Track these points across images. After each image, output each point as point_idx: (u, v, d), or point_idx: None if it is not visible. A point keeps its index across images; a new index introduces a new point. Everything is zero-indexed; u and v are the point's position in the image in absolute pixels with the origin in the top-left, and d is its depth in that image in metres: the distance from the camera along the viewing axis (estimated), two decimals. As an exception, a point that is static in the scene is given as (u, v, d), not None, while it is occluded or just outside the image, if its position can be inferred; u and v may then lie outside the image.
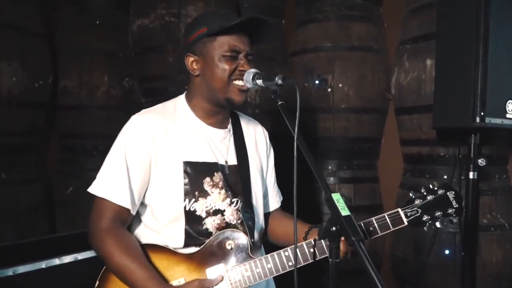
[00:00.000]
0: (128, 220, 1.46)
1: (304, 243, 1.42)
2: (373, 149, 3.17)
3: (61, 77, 3.31)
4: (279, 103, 1.27)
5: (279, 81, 1.27)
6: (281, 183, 1.81)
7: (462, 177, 2.49)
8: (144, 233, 1.50)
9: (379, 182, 3.22)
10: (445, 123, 2.18)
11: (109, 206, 1.39)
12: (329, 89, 2.99)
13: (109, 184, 1.40)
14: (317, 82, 1.23)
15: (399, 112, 2.93)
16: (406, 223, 1.45)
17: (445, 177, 2.64)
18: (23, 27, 2.92)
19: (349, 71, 2.98)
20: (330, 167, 3.10)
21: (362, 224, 1.46)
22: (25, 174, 3.05)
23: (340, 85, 2.98)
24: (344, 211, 1.03)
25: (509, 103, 2.04)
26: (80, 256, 2.02)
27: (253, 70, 1.41)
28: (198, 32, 1.46)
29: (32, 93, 2.99)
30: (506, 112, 2.04)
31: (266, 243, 1.69)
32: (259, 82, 1.37)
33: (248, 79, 1.41)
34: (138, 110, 1.55)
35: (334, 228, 1.04)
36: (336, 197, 1.06)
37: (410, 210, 1.45)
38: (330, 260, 1.09)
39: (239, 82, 1.45)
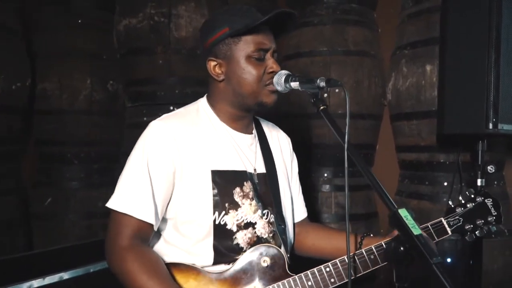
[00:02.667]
0: (149, 236, 1.33)
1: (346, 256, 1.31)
2: (368, 155, 3.12)
3: (39, 79, 3.10)
4: (321, 108, 1.17)
5: (322, 84, 1.16)
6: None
7: (463, 184, 2.48)
8: (166, 251, 1.36)
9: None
10: (455, 129, 2.13)
11: (130, 222, 1.27)
12: (325, 94, 2.92)
13: (131, 198, 1.27)
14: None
15: (396, 118, 2.88)
16: (450, 232, 1.40)
17: (445, 184, 2.61)
18: (-1, 25, 2.72)
19: (346, 76, 2.92)
20: (325, 175, 3.01)
21: None
22: (-1, 185, 2.83)
23: (337, 90, 2.91)
24: (416, 230, 0.92)
25: (520, 109, 2.01)
26: (66, 275, 1.86)
27: (284, 72, 1.32)
28: (219, 33, 1.34)
29: (8, 97, 2.78)
30: (517, 118, 2.00)
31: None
32: (295, 84, 1.26)
33: (280, 81, 1.30)
34: (123, 115, 1.42)
35: (402, 249, 0.93)
36: (404, 213, 0.95)
37: (452, 219, 1.41)
38: (397, 285, 0.98)
39: (270, 87, 1.34)
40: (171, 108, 2.93)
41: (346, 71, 2.92)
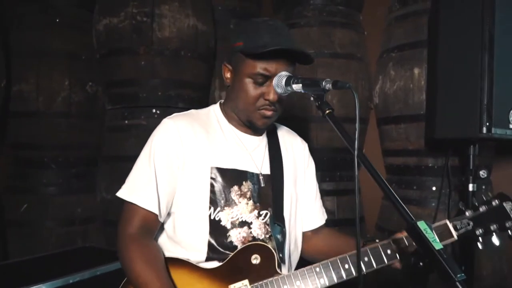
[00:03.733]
0: (156, 228, 1.38)
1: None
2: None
3: (15, 80, 2.99)
4: (327, 112, 1.10)
5: (328, 86, 1.09)
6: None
7: (449, 189, 2.46)
8: (166, 245, 1.41)
9: (361, 194, 3.12)
10: (447, 133, 2.10)
11: (137, 211, 1.33)
12: (311, 98, 2.87)
13: (137, 188, 1.35)
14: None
15: (383, 122, 2.85)
16: (455, 237, 1.30)
17: (434, 188, 2.59)
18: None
19: (333, 79, 2.87)
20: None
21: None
22: (-28, 191, 2.71)
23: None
24: (437, 244, 0.86)
25: (512, 113, 1.99)
26: (45, 287, 1.83)
27: (285, 73, 1.26)
28: (236, 43, 1.37)
29: (-18, 98, 2.65)
30: (509, 123, 1.99)
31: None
32: (297, 87, 1.20)
33: (280, 83, 1.25)
34: (103, 118, 1.40)
35: (422, 264, 0.87)
36: (423, 226, 0.89)
37: (459, 222, 1.31)
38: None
39: (265, 112, 1.36)
40: (154, 110, 2.85)
41: (333, 74, 2.87)
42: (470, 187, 2.14)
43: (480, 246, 1.34)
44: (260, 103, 1.35)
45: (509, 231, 1.34)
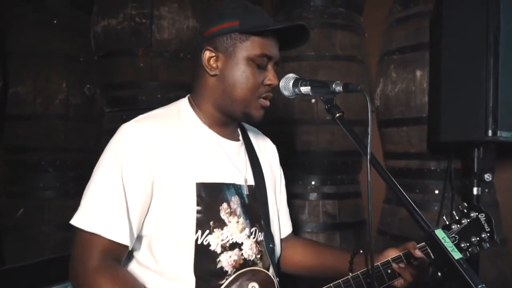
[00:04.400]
0: (123, 256, 1.15)
1: (350, 278, 1.21)
2: (356, 162, 3.05)
3: (12, 82, 2.93)
4: (337, 115, 1.07)
5: (338, 88, 1.06)
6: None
7: (452, 192, 2.43)
8: (140, 274, 1.19)
9: (361, 197, 3.10)
10: (452, 137, 2.08)
11: (100, 242, 1.09)
12: (313, 100, 2.84)
13: (101, 214, 1.09)
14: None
15: (385, 125, 2.82)
16: None
17: (437, 192, 2.56)
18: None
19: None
20: (313, 183, 2.92)
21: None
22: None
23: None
24: (456, 254, 0.83)
25: (517, 115, 1.97)
26: None
27: (292, 75, 1.21)
28: (227, 24, 1.20)
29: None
30: (515, 125, 1.97)
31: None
32: (305, 89, 1.16)
33: (288, 85, 1.20)
34: (100, 121, 1.25)
35: (440, 274, 0.84)
36: (441, 234, 0.86)
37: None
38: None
39: (265, 102, 1.25)
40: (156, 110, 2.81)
41: (334, 76, 2.82)
42: (475, 190, 2.12)
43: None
44: (261, 90, 1.23)
45: (483, 242, 1.35)
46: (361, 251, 1.32)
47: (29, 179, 2.98)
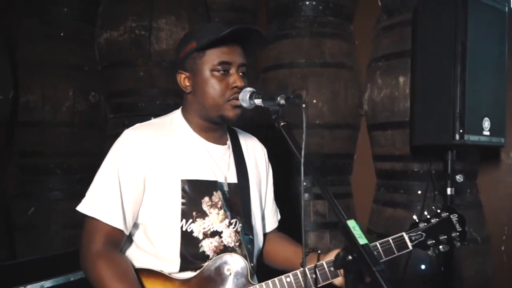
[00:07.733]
0: (121, 241, 1.37)
1: (306, 268, 1.35)
2: (346, 164, 3.17)
3: (22, 91, 3.14)
4: (282, 124, 1.21)
5: (282, 101, 1.20)
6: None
7: (436, 192, 2.54)
8: (137, 256, 1.41)
9: (352, 197, 3.22)
10: (424, 140, 2.20)
11: (101, 227, 1.31)
12: (303, 105, 2.97)
13: (100, 202, 1.32)
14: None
15: (372, 128, 2.95)
16: (410, 247, 1.40)
17: (419, 192, 2.67)
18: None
19: (323, 87, 2.98)
20: (304, 184, 3.06)
21: None
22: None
23: (314, 101, 2.97)
24: (362, 239, 0.98)
25: (485, 120, 2.08)
26: (47, 283, 1.88)
27: (249, 89, 1.35)
28: (188, 47, 1.41)
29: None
30: (482, 130, 2.08)
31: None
32: (258, 101, 1.30)
33: (245, 98, 1.34)
34: (105, 127, 1.47)
35: (350, 257, 0.99)
36: (352, 224, 1.01)
37: (414, 234, 1.41)
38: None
39: (236, 102, 1.38)
40: (152, 119, 2.97)
41: (323, 83, 2.98)
42: (449, 191, 2.22)
43: (429, 253, 1.44)
44: (228, 93, 1.38)
45: (454, 240, 1.45)
46: (319, 251, 1.44)
47: (38, 181, 3.17)
